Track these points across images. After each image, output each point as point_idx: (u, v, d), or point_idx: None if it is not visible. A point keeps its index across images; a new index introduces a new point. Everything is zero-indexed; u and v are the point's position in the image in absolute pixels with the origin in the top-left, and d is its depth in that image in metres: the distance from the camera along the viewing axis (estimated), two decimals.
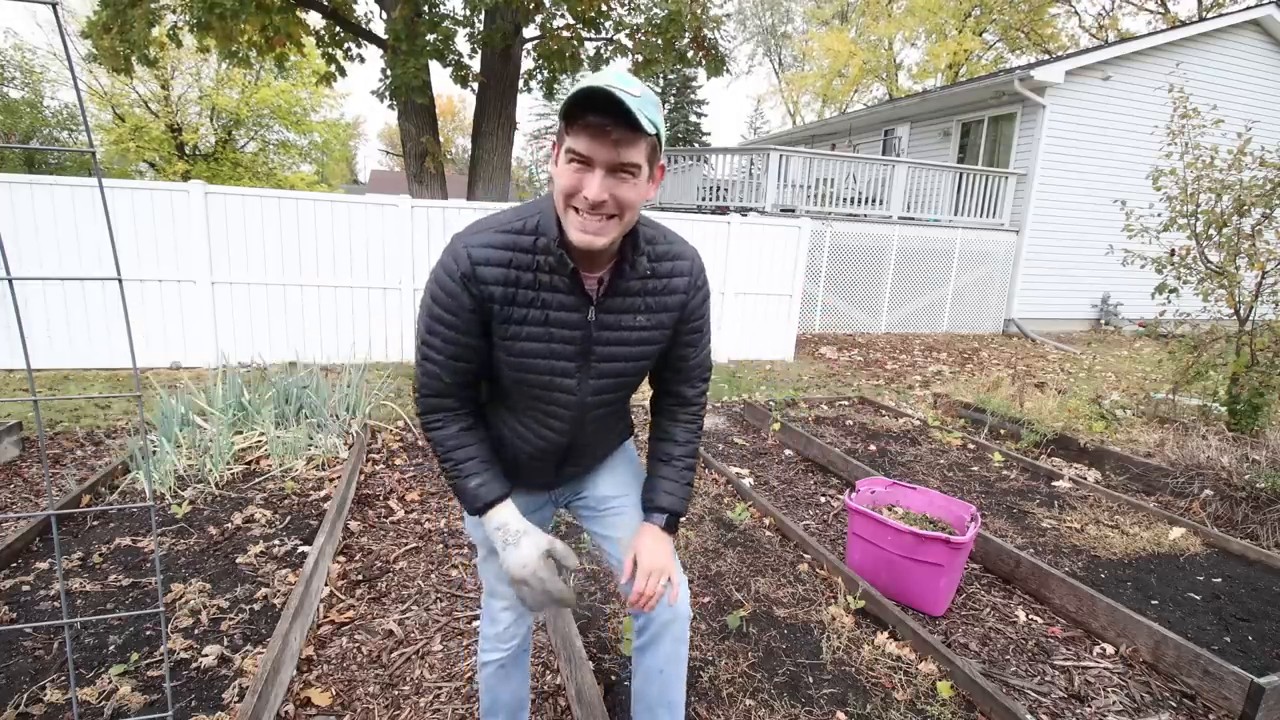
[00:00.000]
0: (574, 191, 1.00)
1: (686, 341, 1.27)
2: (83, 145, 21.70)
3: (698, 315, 1.24)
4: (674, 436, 1.35)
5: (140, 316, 5.52)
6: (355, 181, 42.28)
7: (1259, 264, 4.17)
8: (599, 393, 1.21)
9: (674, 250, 1.19)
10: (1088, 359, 8.09)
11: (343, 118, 25.47)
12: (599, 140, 0.95)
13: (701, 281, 1.23)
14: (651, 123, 0.96)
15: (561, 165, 1.01)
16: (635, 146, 0.97)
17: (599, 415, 1.26)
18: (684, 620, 1.38)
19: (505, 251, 1.08)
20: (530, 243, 1.08)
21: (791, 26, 31.16)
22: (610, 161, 0.97)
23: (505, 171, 8.76)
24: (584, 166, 0.98)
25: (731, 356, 7.43)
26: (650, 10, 8.39)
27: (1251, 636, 2.33)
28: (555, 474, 1.36)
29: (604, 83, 0.93)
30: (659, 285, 1.17)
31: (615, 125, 0.94)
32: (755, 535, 3.00)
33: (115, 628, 2.08)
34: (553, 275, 1.09)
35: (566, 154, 0.99)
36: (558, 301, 1.11)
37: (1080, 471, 4.07)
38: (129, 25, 7.07)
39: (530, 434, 1.25)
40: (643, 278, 1.15)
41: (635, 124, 0.93)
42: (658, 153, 1.04)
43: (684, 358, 1.29)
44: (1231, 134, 4.67)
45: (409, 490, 3.41)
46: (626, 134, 0.95)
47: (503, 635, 1.42)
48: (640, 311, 1.17)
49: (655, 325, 1.19)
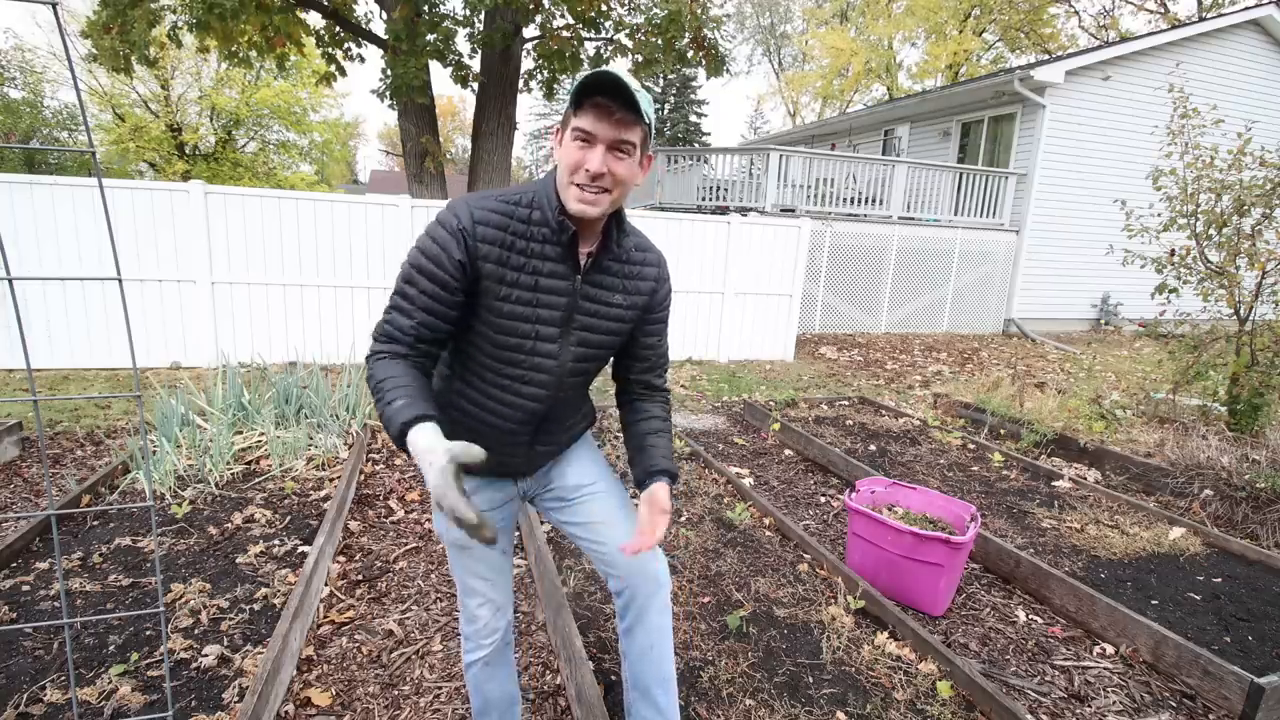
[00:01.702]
0: (578, 166, 1.12)
1: (651, 330, 1.40)
2: (83, 145, 21.70)
3: (662, 307, 1.39)
4: (653, 413, 1.46)
5: (140, 316, 5.52)
6: (355, 181, 42.27)
7: (1259, 264, 4.17)
8: (576, 361, 1.29)
9: (645, 244, 1.35)
10: (1088, 359, 8.09)
11: (342, 117, 25.45)
12: (603, 119, 1.09)
13: (666, 276, 1.39)
14: (645, 113, 1.11)
15: (567, 144, 1.13)
16: (632, 128, 1.11)
17: (572, 386, 1.34)
18: (666, 588, 1.43)
19: (503, 218, 1.17)
20: (526, 214, 1.19)
21: (790, 26, 31.18)
22: (611, 138, 1.10)
23: (505, 171, 8.76)
24: (587, 143, 1.11)
25: (731, 356, 7.43)
26: (650, 10, 8.37)
27: (1251, 636, 2.33)
28: (530, 450, 1.37)
29: (609, 71, 1.07)
30: (635, 271, 1.31)
31: (618, 106, 1.08)
32: (755, 535, 3.00)
33: (115, 628, 2.08)
34: (545, 245, 1.19)
35: (573, 132, 1.12)
36: (548, 269, 1.20)
37: (1080, 471, 4.07)
38: (129, 25, 7.07)
39: (507, 406, 1.28)
40: (621, 261, 1.29)
41: (635, 105, 1.08)
42: (648, 142, 1.18)
43: (649, 346, 1.42)
44: (1231, 134, 4.67)
45: (409, 490, 3.41)
46: (627, 115, 1.09)
47: (482, 631, 1.43)
48: (619, 291, 1.29)
49: (630, 306, 1.32)
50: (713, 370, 6.82)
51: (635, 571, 1.39)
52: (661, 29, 7.91)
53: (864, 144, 13.91)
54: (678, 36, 8.00)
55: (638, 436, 1.44)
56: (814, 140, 15.38)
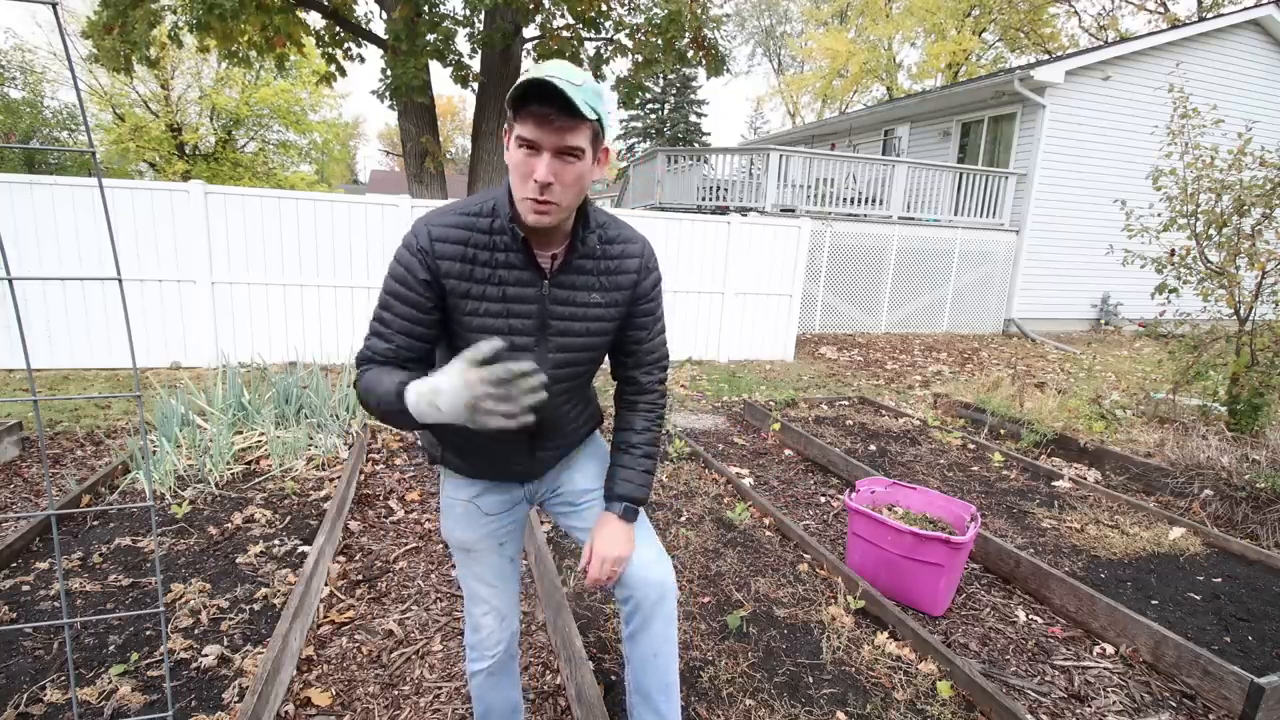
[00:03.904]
0: (527, 175, 1.08)
1: (638, 324, 1.34)
2: (83, 145, 21.70)
3: (649, 297, 1.33)
4: (633, 425, 1.41)
5: (140, 316, 5.52)
6: (355, 181, 42.28)
7: (1259, 264, 4.17)
8: (558, 367, 1.25)
9: (625, 235, 1.29)
10: (1088, 359, 8.09)
11: (341, 117, 25.46)
12: (543, 127, 1.04)
13: (653, 265, 1.32)
14: (592, 109, 1.04)
15: (513, 150, 1.09)
16: (577, 132, 1.05)
17: (561, 392, 1.30)
18: (672, 597, 1.39)
19: (463, 231, 1.15)
20: (488, 224, 1.16)
21: (789, 27, 31.17)
22: (555, 145, 1.05)
23: (505, 171, 8.76)
24: (532, 151, 1.06)
25: (731, 356, 7.43)
26: (650, 10, 8.37)
27: (1251, 636, 2.33)
28: (531, 457, 1.36)
29: (545, 74, 1.01)
30: (612, 265, 1.26)
31: (557, 113, 1.02)
32: (755, 535, 3.00)
33: (115, 628, 2.08)
34: (508, 253, 1.17)
35: (516, 140, 1.07)
36: (514, 277, 1.18)
37: (1080, 471, 4.07)
38: (130, 26, 7.08)
39: None
40: (595, 258, 1.24)
41: (575, 111, 1.02)
42: (600, 137, 1.13)
43: (637, 340, 1.36)
44: (1231, 134, 4.67)
45: (409, 490, 3.41)
46: (568, 121, 1.03)
47: (486, 641, 1.41)
48: (595, 290, 1.24)
49: (610, 303, 1.27)
50: (713, 370, 6.82)
51: (641, 580, 1.35)
52: (661, 29, 7.92)
53: (864, 144, 13.91)
54: (678, 36, 8.01)
55: (612, 450, 1.42)
56: (814, 140, 15.38)
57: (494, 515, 1.38)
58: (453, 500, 1.38)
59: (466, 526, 1.37)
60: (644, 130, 33.35)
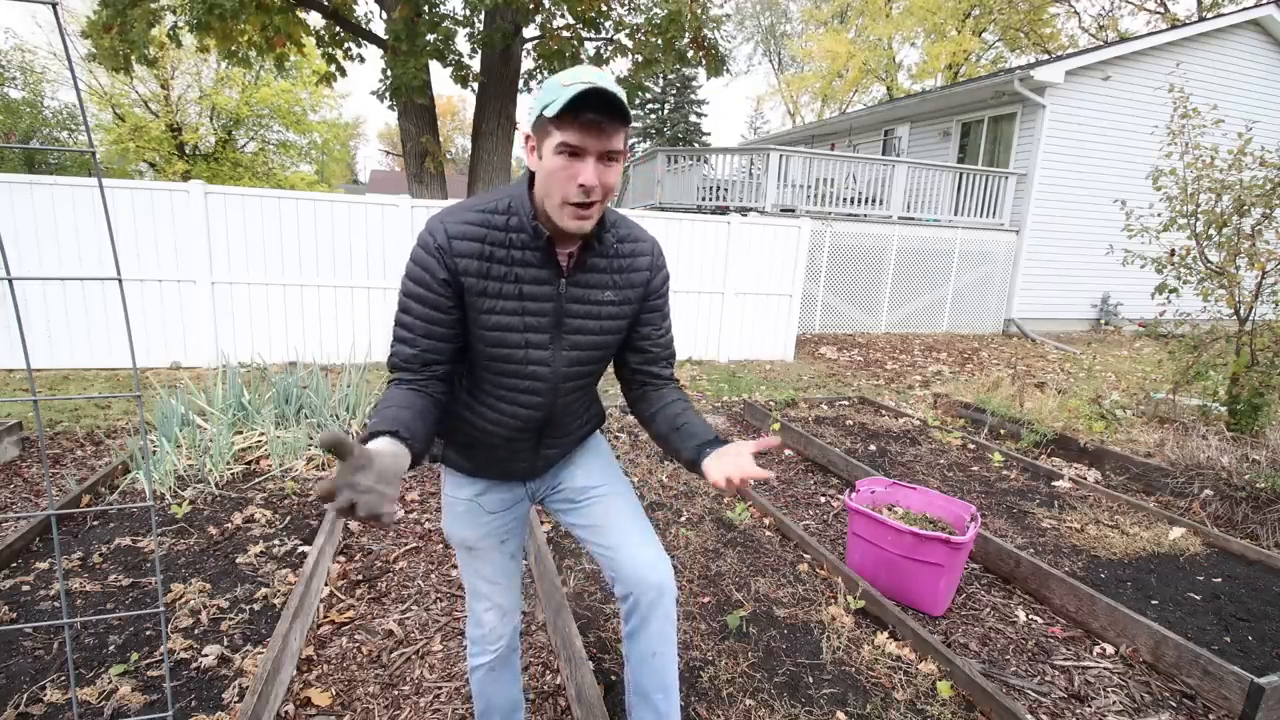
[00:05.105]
0: (569, 180, 1.07)
1: (648, 320, 1.35)
2: (83, 145, 21.70)
3: (658, 294, 1.35)
4: (673, 398, 1.39)
5: (140, 316, 5.52)
6: (355, 181, 42.28)
7: (1259, 264, 4.17)
8: (571, 365, 1.27)
9: (635, 234, 1.30)
10: (1088, 359, 8.09)
11: (341, 117, 25.45)
12: (591, 132, 1.04)
13: (661, 263, 1.34)
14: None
15: (550, 157, 1.08)
16: (619, 135, 1.08)
17: (571, 390, 1.31)
18: (670, 595, 1.39)
19: (480, 229, 1.15)
20: (504, 222, 1.16)
21: (789, 27, 31.16)
22: (601, 150, 1.06)
23: (505, 171, 8.76)
24: (575, 156, 1.07)
25: (731, 356, 7.43)
26: (650, 10, 8.37)
27: (1251, 636, 2.33)
28: (535, 455, 1.37)
29: (593, 81, 1.02)
30: (625, 264, 1.27)
31: (608, 120, 1.04)
32: (755, 535, 3.00)
33: (115, 628, 2.08)
34: (525, 250, 1.17)
35: (559, 147, 1.06)
36: (530, 275, 1.18)
37: (1080, 471, 4.07)
38: (129, 25, 7.07)
39: (507, 416, 1.28)
40: (609, 256, 1.25)
41: (627, 117, 1.06)
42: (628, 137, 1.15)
43: (647, 337, 1.37)
44: (1231, 134, 4.67)
45: (409, 490, 3.41)
46: (616, 125, 1.06)
47: (488, 637, 1.42)
48: (609, 288, 1.26)
49: (623, 301, 1.28)
50: (713, 370, 6.82)
51: (639, 579, 1.35)
52: (661, 29, 7.91)
53: (864, 144, 13.91)
54: (678, 36, 8.00)
55: (667, 420, 1.35)
56: (814, 140, 15.38)
57: (495, 513, 1.39)
58: (454, 499, 1.39)
59: (468, 525, 1.38)
60: (644, 130, 33.35)
